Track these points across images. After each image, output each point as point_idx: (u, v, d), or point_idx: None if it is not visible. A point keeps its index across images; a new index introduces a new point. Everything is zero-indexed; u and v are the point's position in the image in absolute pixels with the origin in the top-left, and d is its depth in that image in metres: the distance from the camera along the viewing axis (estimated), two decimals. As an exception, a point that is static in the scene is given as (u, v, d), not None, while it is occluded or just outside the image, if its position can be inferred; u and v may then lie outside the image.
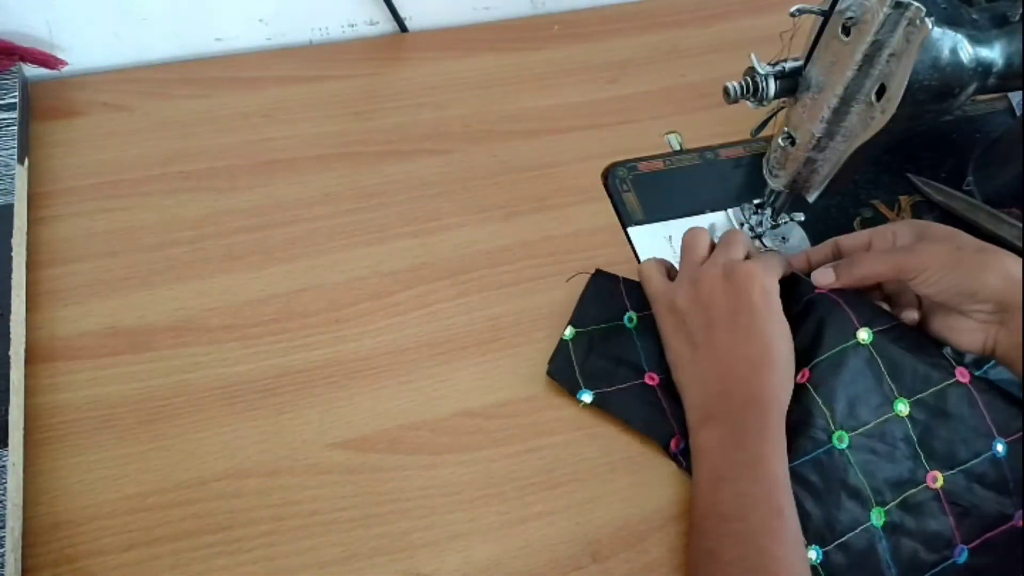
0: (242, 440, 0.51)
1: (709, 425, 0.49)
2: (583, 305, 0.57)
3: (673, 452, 0.52)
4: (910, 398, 0.51)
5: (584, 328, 0.56)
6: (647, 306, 0.57)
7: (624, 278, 0.58)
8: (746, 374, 0.49)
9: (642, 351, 0.55)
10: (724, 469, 0.47)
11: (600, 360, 0.55)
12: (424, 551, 0.48)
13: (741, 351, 0.49)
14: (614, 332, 0.56)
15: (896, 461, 0.49)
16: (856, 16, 0.46)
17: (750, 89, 0.51)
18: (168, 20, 0.68)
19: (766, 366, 0.49)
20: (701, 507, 0.47)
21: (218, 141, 0.65)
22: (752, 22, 0.79)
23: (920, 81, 0.47)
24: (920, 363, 0.51)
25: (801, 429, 0.49)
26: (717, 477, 0.47)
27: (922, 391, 0.51)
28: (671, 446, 0.52)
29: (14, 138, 0.59)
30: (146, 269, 0.57)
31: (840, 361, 0.50)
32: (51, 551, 0.46)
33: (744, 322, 0.50)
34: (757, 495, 0.46)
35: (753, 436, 0.48)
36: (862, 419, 0.50)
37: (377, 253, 0.60)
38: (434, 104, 0.70)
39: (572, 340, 0.55)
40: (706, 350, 0.51)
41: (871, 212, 0.65)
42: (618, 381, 0.54)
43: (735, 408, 0.49)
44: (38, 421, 0.50)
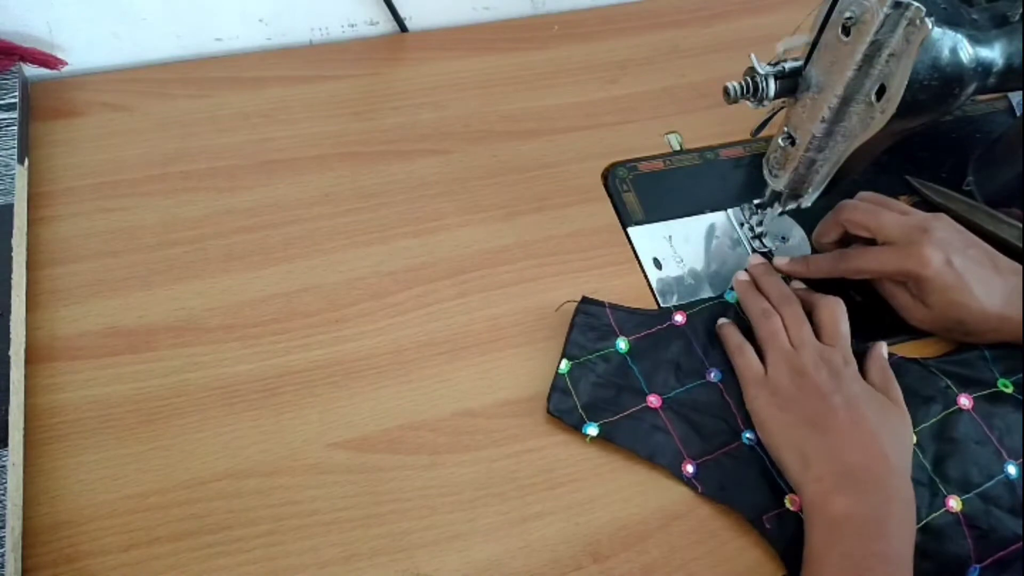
0: (242, 440, 0.51)
1: (845, 498, 0.47)
2: (573, 335, 0.56)
3: (687, 477, 0.52)
4: (915, 428, 0.52)
5: (578, 359, 0.55)
6: (636, 330, 0.57)
7: (610, 304, 0.58)
8: (879, 446, 0.49)
9: (640, 375, 0.55)
10: (862, 559, 0.45)
11: (599, 390, 0.54)
12: (424, 551, 0.48)
13: (867, 427, 0.49)
14: (608, 359, 0.56)
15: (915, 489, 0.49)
16: (856, 16, 0.46)
17: (750, 89, 0.51)
18: (168, 20, 0.68)
19: (894, 441, 0.50)
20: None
21: (218, 141, 0.65)
22: (752, 22, 0.79)
23: (920, 81, 0.47)
24: (920, 395, 0.54)
25: None
26: (854, 566, 0.45)
27: (924, 421, 0.53)
28: (683, 470, 0.52)
29: (14, 138, 0.59)
30: (146, 269, 0.57)
31: None
32: (51, 551, 0.46)
33: (860, 403, 0.51)
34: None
35: (896, 527, 0.46)
36: None
37: (377, 253, 0.60)
38: (434, 104, 0.70)
39: (568, 373, 0.54)
40: (831, 428, 0.50)
41: (871, 212, 0.65)
42: (621, 409, 0.54)
43: (876, 483, 0.47)
44: (38, 421, 0.50)
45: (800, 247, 0.62)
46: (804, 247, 0.63)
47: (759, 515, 0.50)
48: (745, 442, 0.53)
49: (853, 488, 0.47)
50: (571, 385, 0.54)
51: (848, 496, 0.47)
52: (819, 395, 0.51)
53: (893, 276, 0.56)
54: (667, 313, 0.58)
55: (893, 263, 0.55)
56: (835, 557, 0.45)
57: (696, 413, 0.54)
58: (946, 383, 0.55)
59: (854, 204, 0.58)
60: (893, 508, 0.47)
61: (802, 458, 0.50)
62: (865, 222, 0.56)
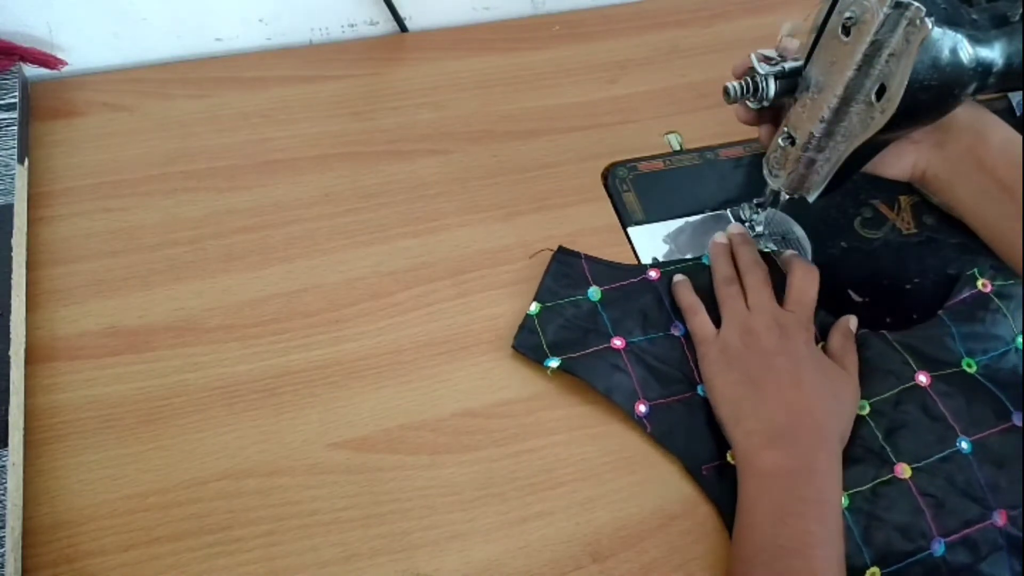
0: (242, 440, 0.51)
1: (773, 452, 0.49)
2: (547, 281, 0.58)
3: (638, 416, 0.53)
4: (870, 399, 0.54)
5: (548, 303, 0.57)
6: (609, 281, 0.59)
7: (586, 255, 0.60)
8: (810, 408, 0.50)
9: (608, 321, 0.57)
10: (790, 504, 0.47)
11: (566, 331, 0.56)
12: (424, 551, 0.48)
13: (805, 390, 0.51)
14: (579, 306, 0.57)
15: (864, 456, 0.52)
16: (856, 16, 0.46)
17: (750, 89, 0.51)
18: (168, 20, 0.68)
19: (831, 405, 0.51)
20: (758, 539, 0.46)
21: (218, 141, 0.65)
22: (752, 22, 0.79)
23: (920, 81, 0.47)
24: (880, 369, 0.55)
25: None
26: (782, 511, 0.47)
27: (880, 394, 0.54)
28: (635, 409, 0.53)
29: (14, 138, 0.59)
30: (146, 269, 0.57)
31: None
32: (51, 551, 0.46)
33: (803, 367, 0.52)
34: (822, 535, 0.46)
35: (822, 475, 0.48)
36: None
37: (377, 253, 0.60)
38: (434, 104, 0.70)
39: (537, 315, 0.57)
40: (769, 386, 0.51)
41: (871, 212, 0.65)
42: (584, 348, 0.55)
43: (803, 440, 0.49)
44: (38, 421, 0.50)
45: (800, 247, 0.62)
46: (804, 247, 0.62)
47: (699, 464, 0.52)
48: (699, 393, 0.55)
49: (781, 443, 0.49)
50: (539, 326, 0.56)
51: (776, 450, 0.49)
52: (764, 355, 0.53)
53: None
54: (642, 269, 0.60)
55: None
56: (765, 505, 0.47)
57: (656, 360, 0.56)
58: (905, 358, 0.55)
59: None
60: (820, 457, 0.49)
61: (736, 414, 0.51)
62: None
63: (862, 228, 0.64)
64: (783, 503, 0.47)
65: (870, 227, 0.64)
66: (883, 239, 0.64)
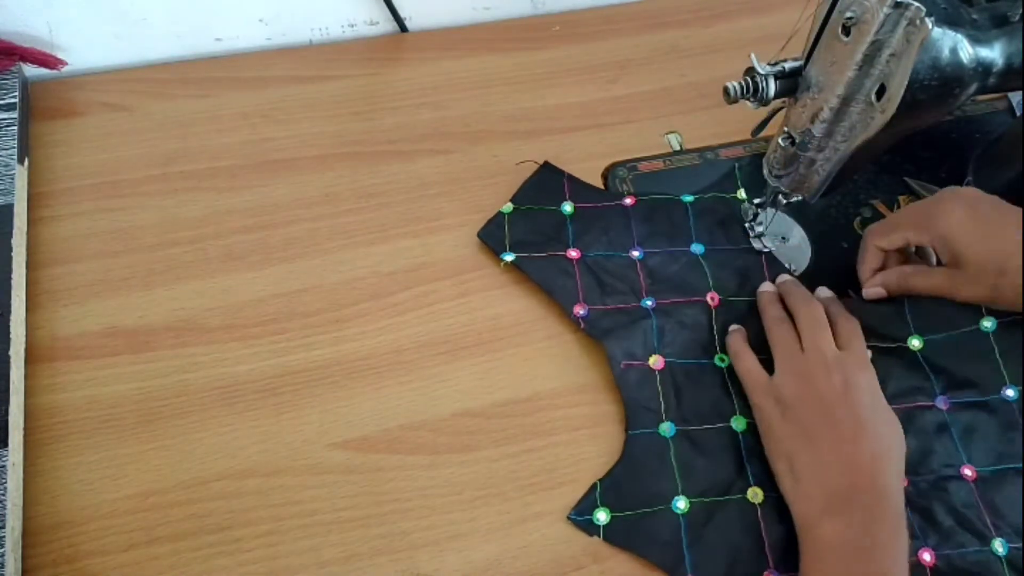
0: (242, 440, 0.51)
1: (832, 521, 0.46)
2: (526, 188, 0.62)
3: (575, 316, 0.56)
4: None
5: (522, 207, 0.61)
6: (586, 200, 0.62)
7: (570, 175, 0.63)
8: (871, 468, 0.47)
9: (572, 234, 0.60)
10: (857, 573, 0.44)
11: (530, 235, 0.60)
12: (424, 551, 0.48)
13: (864, 445, 0.48)
14: (551, 216, 0.61)
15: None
16: (856, 16, 0.46)
17: (750, 89, 0.51)
18: (168, 20, 0.68)
19: (889, 460, 0.48)
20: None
21: (218, 141, 0.65)
22: (752, 22, 0.79)
23: (920, 81, 0.47)
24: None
25: None
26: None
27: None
28: (574, 311, 0.56)
29: (14, 138, 0.59)
30: (146, 269, 0.57)
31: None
32: (51, 551, 0.46)
33: (865, 416, 0.49)
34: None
35: (883, 550, 0.45)
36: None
37: (377, 253, 0.60)
38: (434, 104, 0.70)
39: (509, 214, 0.61)
40: (828, 441, 0.48)
41: (871, 212, 0.65)
42: (542, 251, 0.59)
43: (864, 507, 0.46)
44: (38, 421, 0.50)
45: (800, 247, 0.62)
46: (804, 247, 0.62)
47: (620, 361, 0.54)
48: (643, 305, 0.57)
49: (840, 510, 0.46)
50: (508, 224, 0.60)
51: (835, 519, 0.46)
52: (821, 402, 0.50)
53: (919, 242, 0.54)
54: (620, 196, 0.63)
55: (917, 229, 0.53)
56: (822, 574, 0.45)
57: (606, 274, 0.58)
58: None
59: (872, 226, 0.57)
60: (883, 529, 0.46)
61: (793, 471, 0.49)
62: (885, 228, 0.55)
63: (862, 228, 0.64)
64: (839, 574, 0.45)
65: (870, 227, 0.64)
66: (883, 239, 0.64)
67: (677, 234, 0.61)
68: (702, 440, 0.53)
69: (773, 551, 0.49)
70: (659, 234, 0.61)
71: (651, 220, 0.61)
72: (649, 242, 0.60)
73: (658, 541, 0.49)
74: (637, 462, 0.52)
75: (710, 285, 0.59)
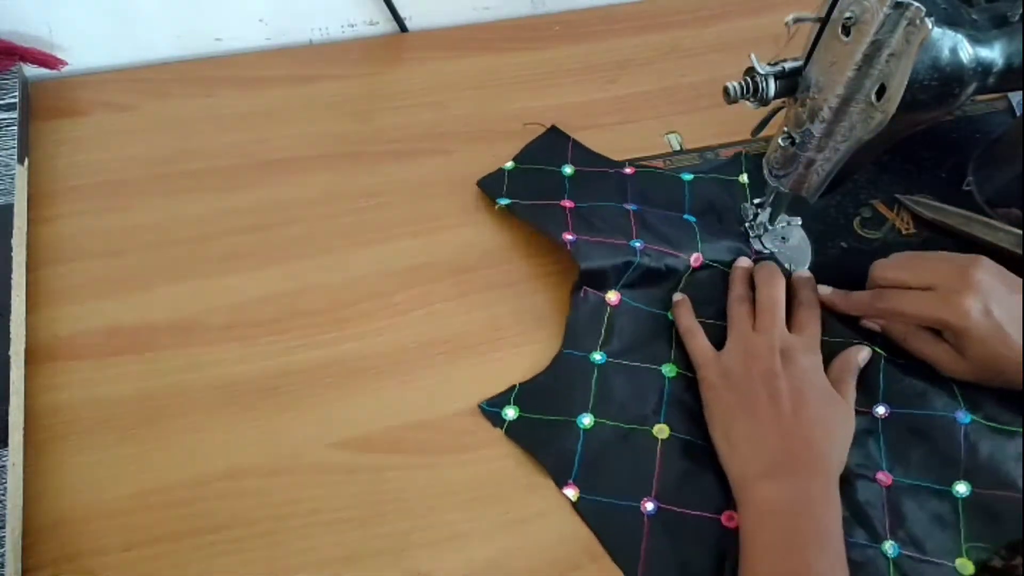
0: (242, 440, 0.51)
1: (769, 484, 0.48)
2: (530, 148, 0.65)
3: (562, 240, 0.57)
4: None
5: (524, 165, 0.64)
6: (587, 164, 0.64)
7: (576, 141, 0.66)
8: (808, 436, 0.49)
9: (569, 191, 0.62)
10: (789, 537, 0.46)
11: (528, 190, 0.62)
12: (424, 551, 0.48)
13: (803, 415, 0.50)
14: (550, 176, 0.63)
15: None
16: (856, 16, 0.46)
17: (750, 89, 0.51)
18: (168, 20, 0.68)
19: (828, 434, 0.50)
20: (760, 572, 0.46)
21: (218, 141, 0.65)
22: (752, 22, 0.79)
23: (920, 81, 0.47)
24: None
25: None
26: (781, 545, 0.46)
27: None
28: (562, 236, 0.57)
29: (14, 138, 0.59)
30: (146, 269, 0.57)
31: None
32: (51, 551, 0.46)
33: (805, 391, 0.51)
34: (822, 568, 0.45)
35: (820, 505, 0.47)
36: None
37: (377, 253, 0.60)
38: (434, 104, 0.70)
39: (510, 171, 0.64)
40: (764, 415, 0.50)
41: (871, 212, 0.65)
42: (537, 199, 0.61)
43: (800, 470, 0.48)
44: (38, 421, 0.50)
45: (800, 247, 0.62)
46: (804, 247, 0.62)
47: (582, 288, 0.57)
48: (632, 245, 0.58)
49: (777, 474, 0.48)
50: (508, 179, 0.63)
51: (772, 482, 0.48)
52: (764, 378, 0.51)
53: (930, 323, 0.53)
54: (621, 164, 0.65)
55: (930, 310, 0.52)
56: (764, 538, 0.47)
57: (599, 219, 0.59)
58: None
59: (885, 261, 0.56)
60: (816, 487, 0.48)
61: (731, 439, 0.51)
62: (899, 276, 0.55)
63: (862, 228, 0.64)
64: (782, 536, 0.46)
65: (870, 227, 0.64)
66: (883, 239, 0.64)
67: (672, 207, 0.63)
68: (628, 374, 0.55)
69: (660, 482, 0.51)
70: (654, 202, 0.63)
71: (648, 189, 0.64)
72: (644, 206, 0.62)
73: (554, 447, 0.52)
74: (560, 377, 0.54)
75: (698, 247, 0.60)
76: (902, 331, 0.55)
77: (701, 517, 0.50)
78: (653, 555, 0.48)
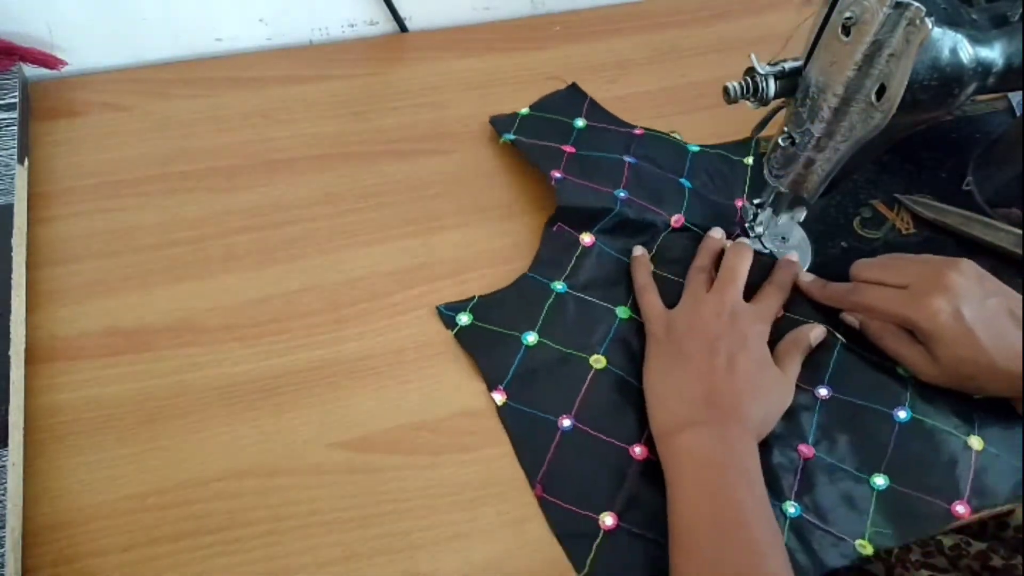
0: (242, 440, 0.51)
1: (691, 431, 0.48)
2: (547, 99, 0.69)
3: (551, 177, 0.61)
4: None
5: (537, 113, 0.68)
6: (599, 120, 0.68)
7: (592, 99, 0.69)
8: (735, 394, 0.49)
9: (574, 140, 0.65)
10: (719, 478, 0.46)
11: (535, 135, 0.65)
12: (424, 551, 0.48)
13: (736, 378, 0.50)
14: (561, 125, 0.67)
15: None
16: (856, 16, 0.46)
17: (750, 89, 0.51)
18: (168, 20, 0.68)
19: (757, 399, 0.50)
20: (694, 516, 0.46)
21: (218, 141, 0.65)
22: (752, 22, 0.79)
23: (920, 81, 0.47)
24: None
25: None
26: (713, 487, 0.46)
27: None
28: (551, 174, 0.61)
29: (14, 138, 0.59)
30: (146, 269, 0.57)
31: None
32: (51, 551, 0.46)
33: (740, 357, 0.51)
34: (752, 502, 0.46)
35: (738, 443, 0.48)
36: None
37: (377, 253, 0.60)
38: (434, 104, 0.70)
39: (523, 117, 0.67)
40: (696, 368, 0.51)
41: (871, 212, 0.65)
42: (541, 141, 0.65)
43: (719, 417, 0.48)
44: (38, 421, 0.50)
45: (800, 247, 0.62)
46: (804, 247, 0.62)
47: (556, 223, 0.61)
48: (615, 194, 0.61)
49: (696, 421, 0.49)
50: (519, 123, 0.67)
51: (692, 429, 0.48)
52: (706, 336, 0.52)
53: (898, 322, 0.53)
54: (632, 126, 0.68)
55: (898, 307, 0.53)
56: (689, 485, 0.47)
57: (592, 166, 0.63)
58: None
59: (867, 260, 0.56)
60: (732, 428, 0.48)
61: (661, 391, 0.51)
62: (876, 275, 0.55)
63: (862, 228, 0.64)
64: (707, 480, 0.47)
65: (870, 227, 0.64)
66: (883, 239, 0.64)
67: (672, 170, 0.65)
68: (583, 307, 0.57)
69: (583, 405, 0.53)
70: (656, 163, 0.65)
71: (653, 150, 0.66)
72: (643, 162, 0.64)
73: (494, 356, 0.55)
74: (517, 295, 0.58)
75: (682, 209, 0.62)
76: (878, 329, 0.55)
77: (611, 443, 0.52)
78: (556, 465, 0.51)
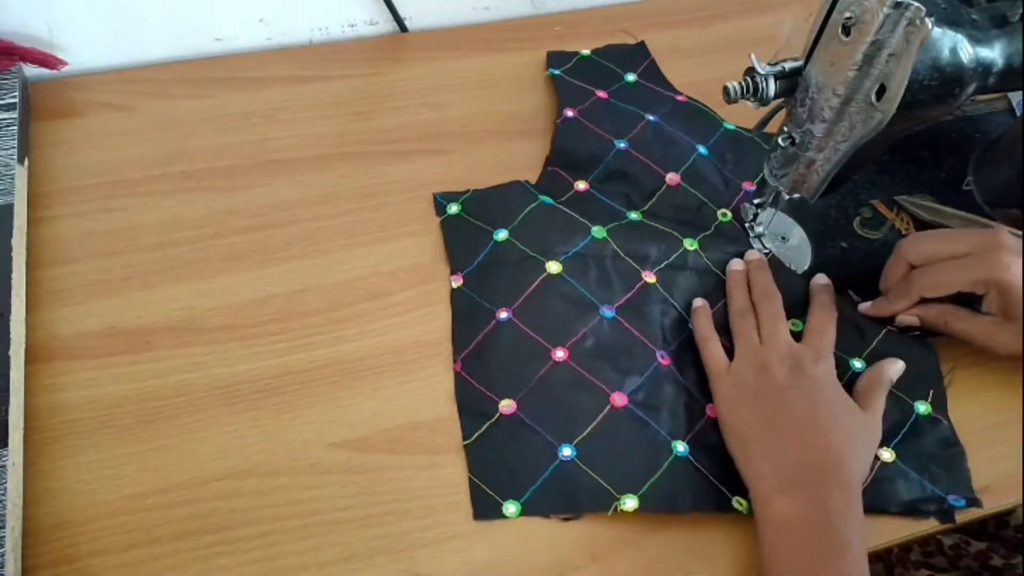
0: (242, 440, 0.51)
1: (786, 498, 0.47)
2: (611, 48, 0.73)
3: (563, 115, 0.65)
4: None
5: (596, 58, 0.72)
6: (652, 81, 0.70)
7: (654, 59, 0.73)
8: (827, 446, 0.48)
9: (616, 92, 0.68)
10: (809, 555, 0.45)
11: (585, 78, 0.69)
12: (424, 551, 0.48)
13: (820, 427, 0.49)
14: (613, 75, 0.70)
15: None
16: (856, 16, 0.46)
17: (750, 89, 0.51)
18: (168, 20, 0.68)
19: (846, 441, 0.49)
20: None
21: (218, 141, 0.65)
22: (752, 22, 0.79)
23: (920, 81, 0.47)
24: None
25: None
26: (802, 563, 0.45)
27: None
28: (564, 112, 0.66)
29: (14, 138, 0.59)
30: (146, 269, 0.57)
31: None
32: (51, 551, 0.46)
33: (817, 401, 0.50)
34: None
35: (839, 519, 0.46)
36: None
37: (377, 253, 0.60)
38: (434, 104, 0.70)
39: (582, 58, 0.71)
40: (782, 424, 0.49)
41: (871, 212, 0.65)
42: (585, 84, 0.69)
43: (818, 480, 0.47)
44: (38, 421, 0.50)
45: (800, 247, 0.62)
46: (804, 247, 0.62)
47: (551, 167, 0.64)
48: (616, 144, 0.63)
49: (794, 487, 0.47)
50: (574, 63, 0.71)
51: (789, 496, 0.47)
52: (777, 389, 0.51)
53: (974, 287, 0.52)
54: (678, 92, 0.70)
55: (973, 272, 0.51)
56: (783, 556, 0.46)
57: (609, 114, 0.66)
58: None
59: (914, 236, 0.55)
60: (835, 500, 0.46)
61: (748, 453, 0.50)
62: (931, 248, 0.54)
63: (862, 228, 0.64)
64: (801, 555, 0.45)
65: (870, 227, 0.64)
66: (883, 239, 0.64)
67: (694, 136, 0.66)
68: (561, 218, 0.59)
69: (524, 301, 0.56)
70: (680, 128, 0.66)
71: (683, 116, 0.67)
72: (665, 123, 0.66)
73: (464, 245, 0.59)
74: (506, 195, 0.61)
75: (680, 171, 0.63)
76: (939, 315, 0.54)
77: (537, 341, 0.54)
78: (481, 349, 0.54)
